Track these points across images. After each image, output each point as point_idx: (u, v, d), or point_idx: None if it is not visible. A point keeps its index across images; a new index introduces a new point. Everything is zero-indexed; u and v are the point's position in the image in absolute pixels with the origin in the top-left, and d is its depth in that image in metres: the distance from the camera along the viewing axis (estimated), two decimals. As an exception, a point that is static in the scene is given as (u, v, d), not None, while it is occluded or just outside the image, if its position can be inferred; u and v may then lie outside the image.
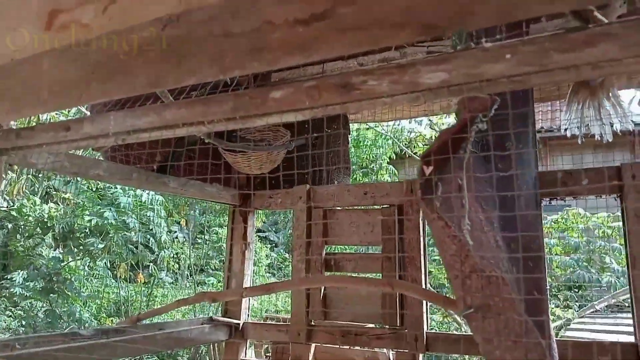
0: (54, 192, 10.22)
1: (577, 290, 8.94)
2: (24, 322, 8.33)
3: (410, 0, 1.11)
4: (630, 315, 2.56)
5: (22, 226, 9.92)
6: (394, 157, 10.24)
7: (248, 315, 3.35)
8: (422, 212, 2.75)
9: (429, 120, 9.50)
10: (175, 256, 10.72)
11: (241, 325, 3.26)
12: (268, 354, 5.31)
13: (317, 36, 1.24)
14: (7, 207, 9.73)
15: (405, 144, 10.32)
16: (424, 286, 2.82)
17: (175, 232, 10.69)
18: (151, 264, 9.69)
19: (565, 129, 2.76)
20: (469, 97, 1.35)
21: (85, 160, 2.37)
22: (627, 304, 8.30)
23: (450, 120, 8.27)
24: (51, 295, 8.68)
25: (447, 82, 1.15)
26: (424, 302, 2.77)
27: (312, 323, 3.08)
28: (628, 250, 2.47)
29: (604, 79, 2.53)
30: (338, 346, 3.02)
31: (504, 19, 1.09)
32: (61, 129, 1.67)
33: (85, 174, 2.33)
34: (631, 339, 2.57)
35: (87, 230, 9.26)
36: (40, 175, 8.97)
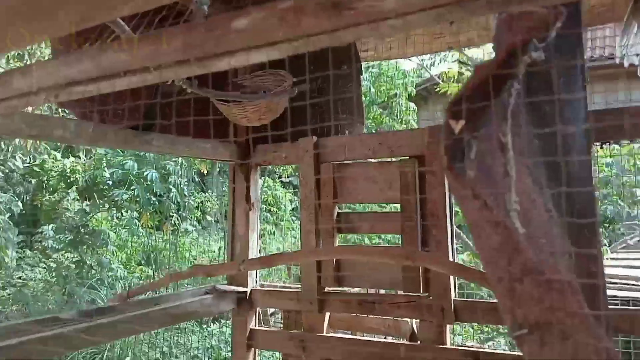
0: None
1: (607, 226, 8.58)
2: (54, 274, 8.43)
3: None
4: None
5: (46, 181, 9.89)
6: (414, 95, 9.40)
7: (256, 281, 3.05)
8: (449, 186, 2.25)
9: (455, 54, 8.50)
10: (201, 204, 10.58)
11: (248, 293, 2.98)
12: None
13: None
14: (29, 162, 9.69)
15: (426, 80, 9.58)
16: (451, 253, 2.44)
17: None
18: (175, 214, 9.54)
19: (622, 57, 2.29)
20: (519, 14, 0.88)
21: (48, 121, 2.03)
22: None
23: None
24: (80, 246, 8.72)
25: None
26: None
27: (325, 290, 2.76)
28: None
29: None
30: (355, 314, 2.72)
31: None
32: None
33: (48, 135, 2.00)
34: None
35: (110, 182, 9.17)
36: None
